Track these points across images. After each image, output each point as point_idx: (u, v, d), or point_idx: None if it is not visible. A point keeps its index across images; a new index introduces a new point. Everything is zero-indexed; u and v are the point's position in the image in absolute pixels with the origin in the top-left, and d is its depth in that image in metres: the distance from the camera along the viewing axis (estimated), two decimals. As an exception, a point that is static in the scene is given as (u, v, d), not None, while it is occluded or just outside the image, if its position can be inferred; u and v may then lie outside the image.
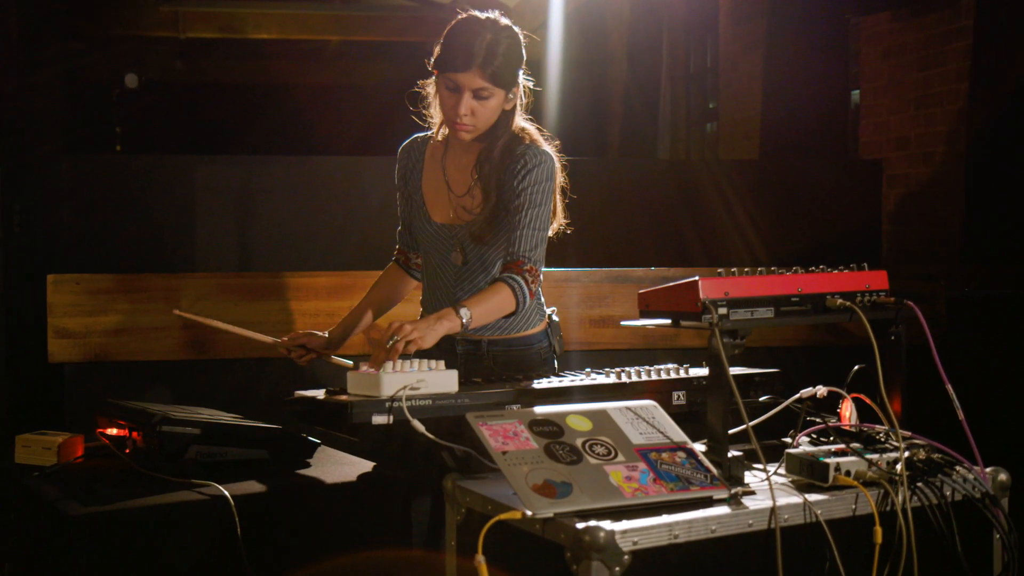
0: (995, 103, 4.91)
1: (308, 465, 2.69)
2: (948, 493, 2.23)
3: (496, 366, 2.86)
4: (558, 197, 2.87)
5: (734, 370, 2.29)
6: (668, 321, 2.33)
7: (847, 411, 2.46)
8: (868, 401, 2.42)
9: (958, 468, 2.29)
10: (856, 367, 2.46)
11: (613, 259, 4.57)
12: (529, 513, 1.96)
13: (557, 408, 2.23)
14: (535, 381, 2.55)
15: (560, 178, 2.84)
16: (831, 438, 2.40)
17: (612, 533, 1.89)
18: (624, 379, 2.56)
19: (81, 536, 2.18)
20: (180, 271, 4.12)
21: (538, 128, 2.87)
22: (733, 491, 2.13)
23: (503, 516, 1.99)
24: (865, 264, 2.45)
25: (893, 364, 2.38)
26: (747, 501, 2.11)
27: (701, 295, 2.21)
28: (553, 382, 2.54)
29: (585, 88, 8.96)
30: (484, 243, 2.80)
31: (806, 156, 6.29)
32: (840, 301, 2.36)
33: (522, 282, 2.69)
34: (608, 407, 2.27)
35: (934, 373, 2.38)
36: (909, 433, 2.34)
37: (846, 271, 2.42)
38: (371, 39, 10.90)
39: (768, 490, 2.13)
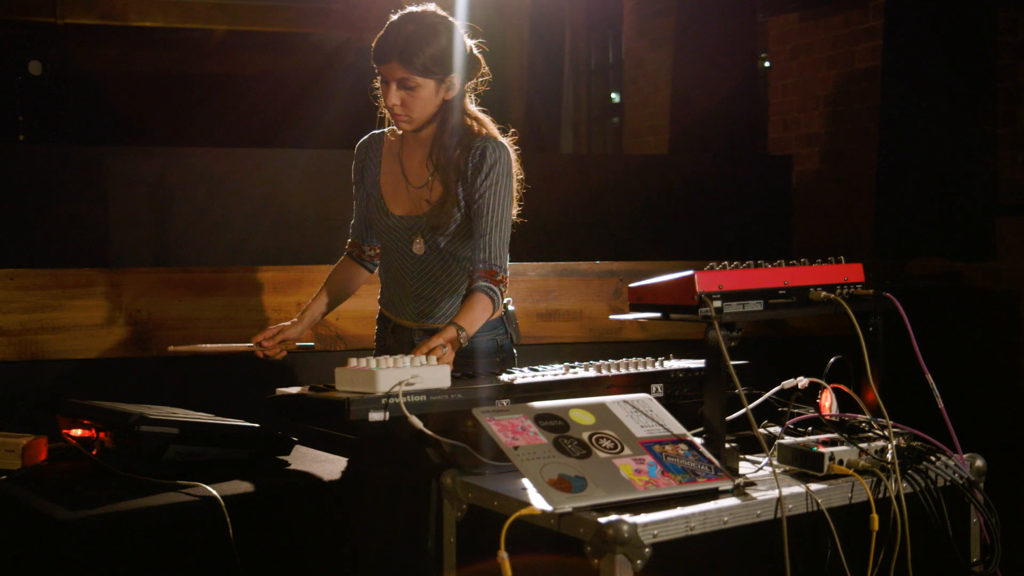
0: (904, 102, 5.06)
1: (287, 464, 2.63)
2: (933, 478, 2.30)
3: (456, 355, 2.85)
4: (515, 186, 2.89)
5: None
6: (658, 315, 2.36)
7: (827, 401, 2.52)
8: (848, 391, 2.48)
9: (939, 455, 2.37)
10: (833, 359, 2.51)
11: (528, 254, 4.55)
12: (548, 508, 1.95)
13: (558, 402, 2.24)
14: (518, 376, 2.55)
15: (516, 168, 2.87)
16: (809, 428, 2.46)
17: (635, 526, 1.90)
18: (604, 372, 2.58)
19: (74, 541, 2.09)
20: (100, 266, 3.96)
21: (493, 121, 2.90)
22: (736, 482, 2.16)
23: (523, 512, 1.97)
24: (842, 257, 2.52)
25: (871, 355, 2.45)
26: (751, 491, 2.14)
27: (698, 288, 2.24)
28: (536, 376, 2.53)
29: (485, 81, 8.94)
30: (442, 233, 2.82)
31: (715, 152, 6.41)
32: (824, 293, 2.42)
33: (499, 292, 2.75)
34: (607, 401, 2.28)
35: (895, 363, 2.47)
36: (891, 422, 2.41)
37: (825, 264, 2.48)
38: (261, 29, 10.69)
39: (766, 480, 2.19)
